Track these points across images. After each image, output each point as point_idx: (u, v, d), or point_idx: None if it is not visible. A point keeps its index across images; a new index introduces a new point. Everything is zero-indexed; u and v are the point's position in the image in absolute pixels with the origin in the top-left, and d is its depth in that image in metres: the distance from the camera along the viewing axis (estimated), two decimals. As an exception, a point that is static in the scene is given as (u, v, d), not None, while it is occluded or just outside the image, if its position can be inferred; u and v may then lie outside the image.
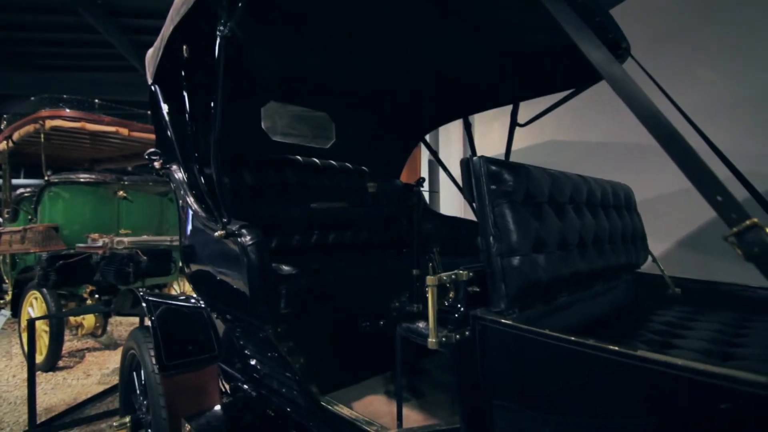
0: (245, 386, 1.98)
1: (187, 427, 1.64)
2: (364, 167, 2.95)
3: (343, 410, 1.54)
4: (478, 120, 4.79)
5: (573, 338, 0.86)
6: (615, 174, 3.10)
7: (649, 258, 1.89)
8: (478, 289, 1.07)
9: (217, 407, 1.84)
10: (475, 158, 1.14)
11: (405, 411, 1.49)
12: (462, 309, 1.06)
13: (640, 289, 1.79)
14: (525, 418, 0.99)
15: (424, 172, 5.35)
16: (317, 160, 2.72)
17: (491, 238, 1.07)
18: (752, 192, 1.55)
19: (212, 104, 1.62)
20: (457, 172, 1.57)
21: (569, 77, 2.23)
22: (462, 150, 5.09)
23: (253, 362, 1.95)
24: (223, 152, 2.29)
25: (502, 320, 1.01)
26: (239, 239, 1.59)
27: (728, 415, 0.65)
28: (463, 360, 1.05)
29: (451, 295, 1.09)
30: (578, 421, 0.91)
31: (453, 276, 1.05)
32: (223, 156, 2.10)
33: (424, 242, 2.26)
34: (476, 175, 1.12)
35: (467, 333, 1.04)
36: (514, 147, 4.15)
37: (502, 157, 2.15)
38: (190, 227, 2.06)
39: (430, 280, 1.01)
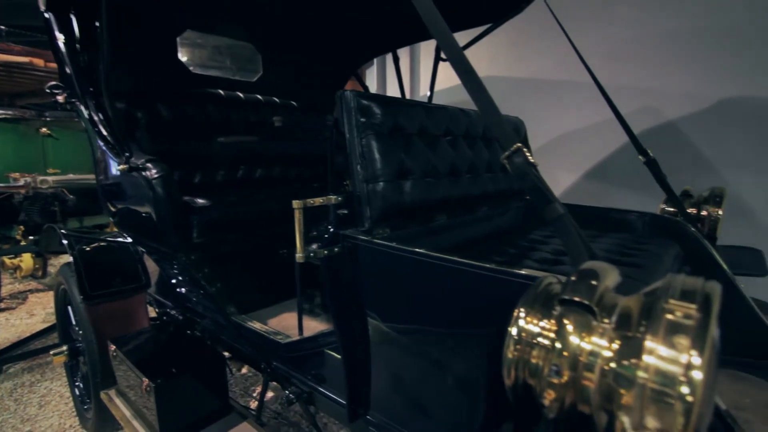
0: (173, 311, 2.13)
1: (113, 347, 1.78)
2: (293, 102, 2.94)
3: (256, 325, 1.73)
4: (424, 55, 4.74)
5: (416, 250, 1.02)
6: (539, 109, 3.26)
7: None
8: (346, 212, 1.21)
9: (143, 330, 1.99)
10: (346, 92, 1.23)
11: (307, 322, 1.68)
12: (332, 229, 1.20)
13: (529, 215, 2.00)
14: (387, 321, 1.18)
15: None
16: (241, 95, 2.68)
17: (358, 167, 1.19)
18: (628, 132, 1.74)
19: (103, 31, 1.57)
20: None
21: (486, 11, 2.26)
22: (409, 85, 5.07)
23: (179, 289, 2.08)
24: (135, 85, 2.25)
25: (365, 238, 1.16)
26: (144, 173, 1.64)
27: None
28: (334, 273, 1.20)
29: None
30: (426, 321, 1.09)
31: (321, 200, 1.17)
32: (134, 89, 2.05)
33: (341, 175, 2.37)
34: (347, 108, 1.21)
35: (336, 249, 1.19)
36: (450, 83, 4.19)
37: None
38: (102, 164, 2.06)
39: (295, 203, 1.13)
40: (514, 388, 0.58)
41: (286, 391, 1.53)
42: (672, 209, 1.71)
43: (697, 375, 0.42)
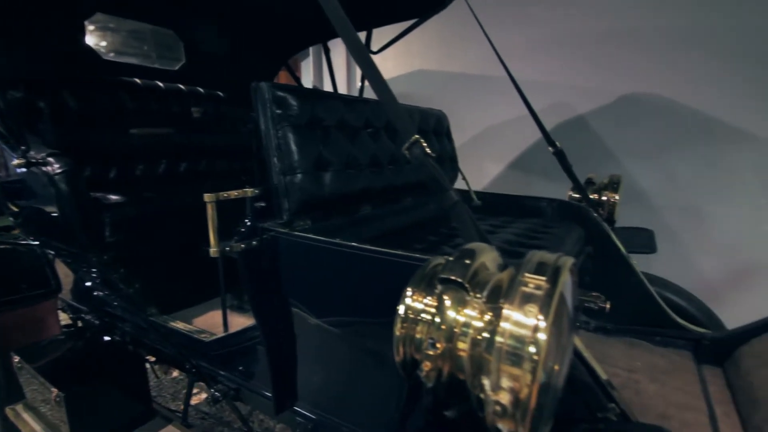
0: (88, 317, 1.99)
1: (16, 358, 1.64)
2: (219, 92, 2.83)
3: (179, 325, 1.67)
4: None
5: (331, 240, 1.04)
6: (468, 103, 3.39)
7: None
8: (264, 204, 1.20)
9: (54, 338, 1.85)
10: (262, 84, 1.21)
11: (235, 318, 1.65)
12: (249, 223, 1.18)
13: (452, 203, 2.09)
14: (309, 312, 1.19)
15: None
16: (161, 84, 2.54)
17: (275, 159, 1.18)
18: (539, 125, 1.86)
19: None
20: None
21: (411, 7, 2.31)
22: (346, 77, 5.05)
23: (95, 293, 1.95)
24: (35, 72, 2.04)
25: (284, 230, 1.16)
26: (45, 168, 1.51)
27: None
28: (253, 267, 1.19)
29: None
30: (346, 309, 1.12)
31: (237, 193, 1.16)
32: (34, 76, 1.87)
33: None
34: (262, 100, 1.20)
35: (254, 243, 1.18)
36: (385, 76, 4.24)
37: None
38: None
39: (207, 197, 1.10)
40: (403, 364, 0.62)
41: (212, 390, 1.49)
42: (577, 195, 1.87)
43: (542, 336, 0.48)
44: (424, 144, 0.83)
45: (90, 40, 2.31)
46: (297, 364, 1.23)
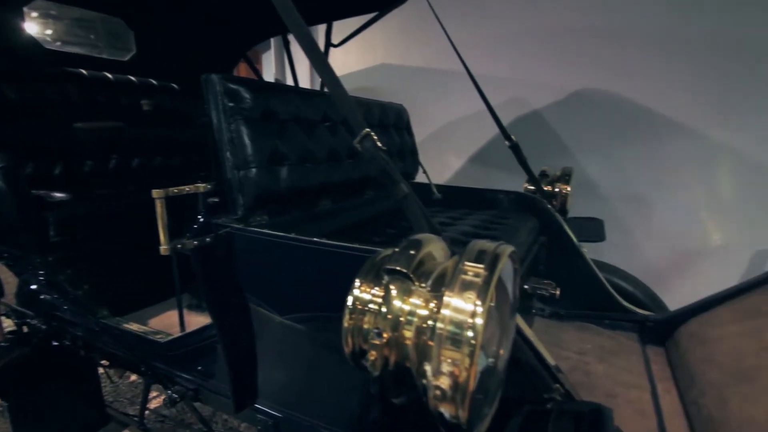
0: (34, 321, 1.88)
1: (-50, 370, 1.54)
2: (174, 84, 2.72)
3: (133, 327, 1.61)
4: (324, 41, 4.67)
5: (285, 234, 1.03)
6: (430, 96, 3.42)
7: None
8: (217, 200, 1.17)
9: (-6, 346, 1.74)
10: (213, 76, 1.18)
11: (194, 318, 1.61)
12: (201, 219, 1.15)
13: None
14: (267, 309, 1.17)
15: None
16: (110, 75, 2.42)
17: (228, 153, 1.16)
18: (496, 120, 1.90)
19: None
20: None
21: (372, 0, 2.29)
22: (309, 73, 4.97)
23: (41, 296, 1.85)
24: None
25: (239, 226, 1.14)
26: (-22, 164, 1.42)
27: None
28: (207, 264, 1.17)
29: None
30: (304, 305, 1.11)
31: (188, 188, 1.12)
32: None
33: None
34: (213, 92, 1.17)
35: (208, 239, 1.15)
36: (347, 70, 4.21)
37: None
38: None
39: (155, 193, 1.07)
40: (352, 355, 0.63)
41: (169, 391, 1.46)
42: (533, 187, 1.93)
43: (479, 321, 0.50)
44: (375, 137, 0.84)
45: (31, 28, 2.17)
46: (256, 361, 1.22)
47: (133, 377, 2.57)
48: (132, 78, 2.51)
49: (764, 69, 1.89)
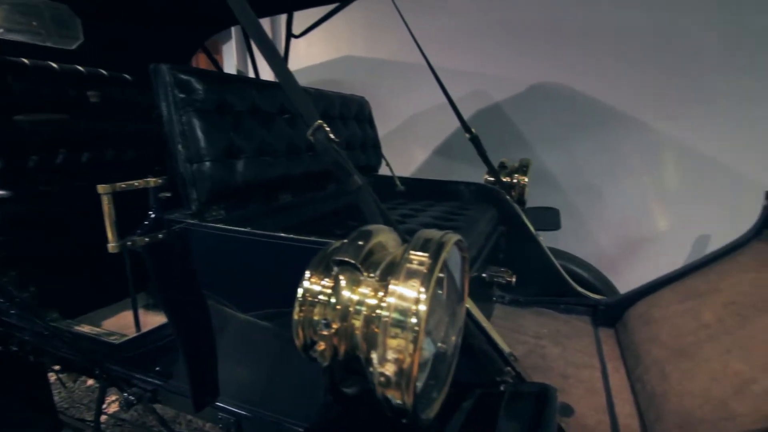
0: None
1: None
2: (126, 75, 2.60)
3: (85, 329, 1.54)
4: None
5: (238, 229, 1.01)
6: (396, 89, 3.43)
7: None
8: (169, 195, 1.13)
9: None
10: (162, 66, 1.14)
11: (151, 317, 1.56)
12: (153, 215, 1.12)
13: (377, 189, 2.12)
14: (225, 305, 1.15)
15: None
16: (55, 65, 2.28)
17: (179, 146, 1.12)
18: (456, 112, 1.93)
19: None
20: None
21: None
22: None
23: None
24: None
25: (193, 221, 1.11)
26: None
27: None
28: (161, 261, 1.13)
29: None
30: (263, 300, 1.09)
31: (137, 183, 1.08)
32: None
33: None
34: (162, 83, 1.12)
35: (160, 236, 1.11)
36: (311, 62, 4.14)
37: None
38: None
39: (101, 188, 1.02)
40: (303, 347, 0.63)
41: (125, 394, 1.41)
42: (492, 179, 1.98)
43: (423, 307, 0.51)
44: (327, 129, 0.83)
45: (-39, 13, 2.01)
46: (215, 359, 1.20)
47: (90, 382, 2.47)
48: (79, 68, 2.38)
49: (704, 65, 2.01)
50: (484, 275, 1.53)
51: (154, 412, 1.48)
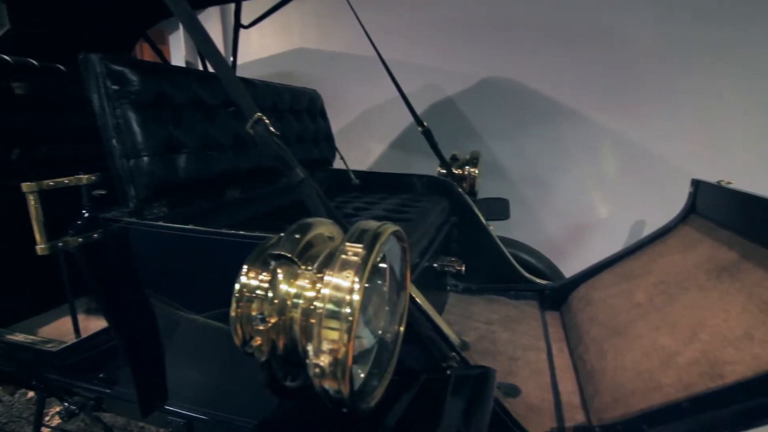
0: None
1: None
2: (60, 66, 2.43)
3: (19, 338, 1.44)
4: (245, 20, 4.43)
5: (176, 225, 0.98)
6: (350, 82, 3.40)
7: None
8: (104, 192, 1.08)
9: None
10: (92, 56, 1.07)
11: (94, 322, 1.48)
12: (86, 214, 1.06)
13: (331, 182, 2.12)
14: (169, 306, 1.11)
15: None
16: (-25, 54, 2.09)
17: (114, 141, 1.07)
18: (408, 106, 1.94)
19: None
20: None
21: None
22: (223, 52, 4.67)
23: None
24: None
25: (131, 219, 1.06)
26: None
27: None
28: (96, 262, 1.07)
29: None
30: (208, 299, 1.06)
31: (67, 180, 1.02)
32: None
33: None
34: (93, 74, 1.06)
35: (96, 236, 1.06)
36: (264, 53, 4.04)
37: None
38: None
39: (26, 186, 0.96)
40: (243, 345, 0.62)
41: (65, 404, 1.34)
42: (445, 171, 2.02)
43: (356, 297, 0.52)
44: (267, 121, 0.82)
45: None
46: (160, 361, 1.16)
47: (31, 394, 2.32)
48: (6, 57, 2.19)
49: (639, 62, 2.13)
50: (435, 265, 1.57)
51: (99, 421, 1.41)
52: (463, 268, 1.60)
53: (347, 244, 0.57)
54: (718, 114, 1.98)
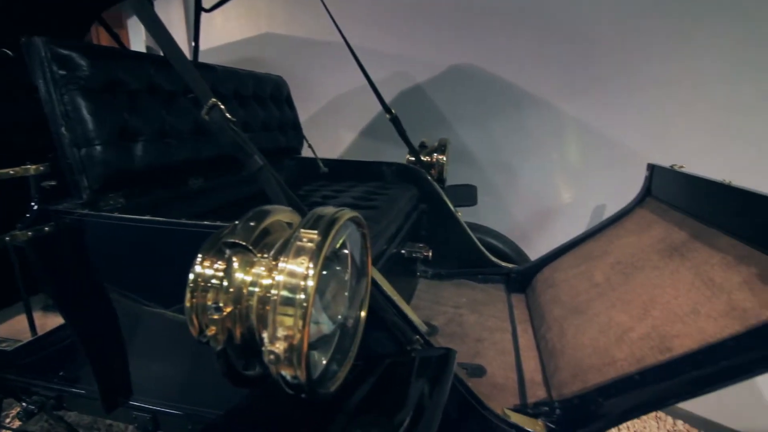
0: None
1: None
2: (8, 51, 2.28)
3: (-30, 337, 1.38)
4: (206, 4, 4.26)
5: (130, 216, 0.94)
6: (320, 69, 3.34)
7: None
8: (54, 183, 1.03)
9: None
10: (36, 39, 1.01)
11: (53, 319, 1.43)
12: (36, 206, 1.01)
13: (300, 171, 2.09)
14: (128, 299, 1.08)
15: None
16: None
17: (62, 129, 1.02)
18: (376, 93, 1.93)
19: None
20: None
21: None
22: (186, 39, 4.50)
23: None
24: None
25: (84, 211, 1.02)
26: None
27: None
28: (47, 257, 1.03)
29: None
30: (169, 291, 1.04)
31: (14, 171, 0.97)
32: None
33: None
34: (38, 59, 1.00)
35: (47, 229, 1.01)
36: (229, 39, 3.91)
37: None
38: None
39: (-37, 179, 0.90)
40: (200, 334, 0.61)
41: (23, 404, 1.29)
42: (413, 158, 2.03)
43: (311, 283, 0.52)
44: (223, 107, 0.80)
45: None
46: (122, 356, 1.13)
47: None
48: (-56, 41, 2.05)
49: (601, 50, 2.18)
50: (403, 251, 1.58)
51: (61, 420, 1.37)
52: (430, 254, 1.62)
53: (302, 230, 0.57)
54: (675, 100, 2.06)
